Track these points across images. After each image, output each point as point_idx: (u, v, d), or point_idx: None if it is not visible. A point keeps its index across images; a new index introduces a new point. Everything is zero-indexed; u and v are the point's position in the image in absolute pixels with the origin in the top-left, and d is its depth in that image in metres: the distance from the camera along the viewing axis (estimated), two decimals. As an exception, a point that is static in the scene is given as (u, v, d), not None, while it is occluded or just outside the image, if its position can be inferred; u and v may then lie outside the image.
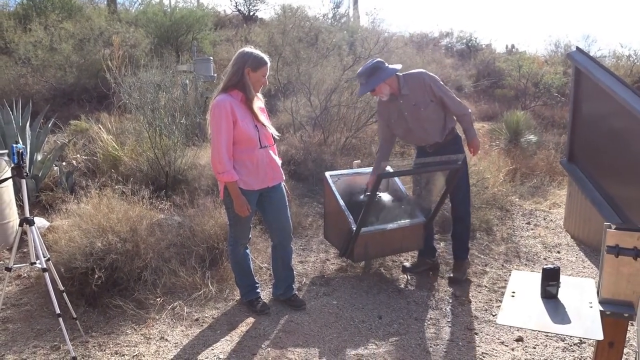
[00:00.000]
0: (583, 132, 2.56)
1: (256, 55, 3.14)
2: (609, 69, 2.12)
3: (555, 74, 11.37)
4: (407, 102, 3.73)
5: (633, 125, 1.95)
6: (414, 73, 3.77)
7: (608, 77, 2.10)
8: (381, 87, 3.67)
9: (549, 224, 5.48)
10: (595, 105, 2.34)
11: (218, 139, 3.04)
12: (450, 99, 3.73)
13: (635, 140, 1.96)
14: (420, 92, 3.70)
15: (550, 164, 7.23)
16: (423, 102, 3.70)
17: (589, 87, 2.34)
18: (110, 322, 3.27)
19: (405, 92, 3.71)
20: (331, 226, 4.19)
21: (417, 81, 3.71)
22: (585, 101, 2.44)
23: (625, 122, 2.07)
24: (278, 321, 3.38)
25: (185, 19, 10.67)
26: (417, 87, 3.70)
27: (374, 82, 3.64)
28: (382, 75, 3.64)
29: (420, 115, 3.73)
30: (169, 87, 5.80)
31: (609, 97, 2.04)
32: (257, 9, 17.02)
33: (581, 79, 2.43)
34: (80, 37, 8.50)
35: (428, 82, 3.69)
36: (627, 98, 1.86)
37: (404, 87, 3.71)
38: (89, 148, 5.71)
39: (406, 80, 3.73)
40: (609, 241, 1.77)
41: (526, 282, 2.06)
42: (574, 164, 2.72)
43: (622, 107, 1.88)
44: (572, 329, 1.67)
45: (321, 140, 7.23)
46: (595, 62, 2.23)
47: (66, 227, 3.55)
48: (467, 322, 3.44)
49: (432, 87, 3.68)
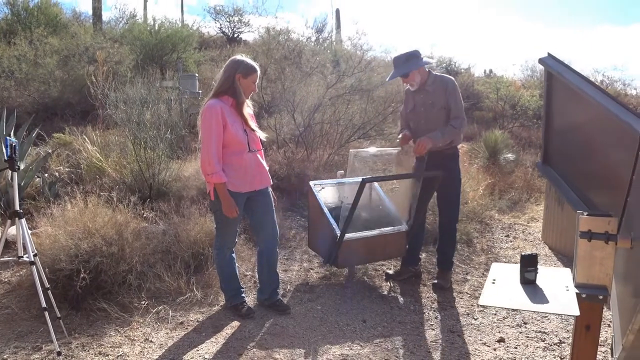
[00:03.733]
0: (556, 134, 2.69)
1: (247, 62, 3.25)
2: (578, 72, 2.26)
3: (532, 97, 11.70)
4: (426, 97, 3.88)
5: (602, 123, 2.08)
6: (444, 76, 3.92)
7: (577, 78, 2.23)
8: (414, 74, 3.81)
9: (527, 237, 5.61)
10: (567, 106, 2.46)
11: (208, 141, 3.11)
12: (455, 107, 3.81)
13: (605, 137, 2.08)
14: (440, 94, 3.83)
15: (527, 181, 7.42)
16: (438, 104, 3.83)
17: (559, 89, 2.48)
18: (93, 324, 3.26)
19: (429, 88, 3.85)
20: (315, 234, 4.24)
21: (442, 84, 3.84)
22: (556, 103, 2.57)
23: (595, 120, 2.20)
24: (263, 324, 3.39)
25: (170, 38, 10.79)
26: (439, 88, 3.83)
27: (409, 68, 3.78)
28: (418, 62, 3.79)
29: (431, 115, 3.86)
30: (154, 102, 5.85)
31: (579, 96, 2.17)
32: (242, 31, 17.28)
33: (552, 81, 2.57)
34: (65, 53, 8.52)
35: (450, 90, 3.81)
36: (595, 96, 1.99)
37: (430, 84, 3.85)
38: (72, 159, 5.69)
39: (435, 80, 3.87)
40: (582, 227, 1.86)
41: (506, 271, 2.14)
42: (548, 166, 2.85)
43: (592, 106, 2.01)
44: (550, 307, 1.75)
45: (304, 156, 7.32)
46: (565, 66, 2.37)
47: (50, 231, 3.54)
48: (450, 325, 3.50)
49: (450, 95, 3.80)
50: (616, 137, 1.97)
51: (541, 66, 3.52)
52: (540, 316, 3.62)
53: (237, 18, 17.12)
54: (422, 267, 4.45)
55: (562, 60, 2.46)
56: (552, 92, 2.67)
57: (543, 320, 3.57)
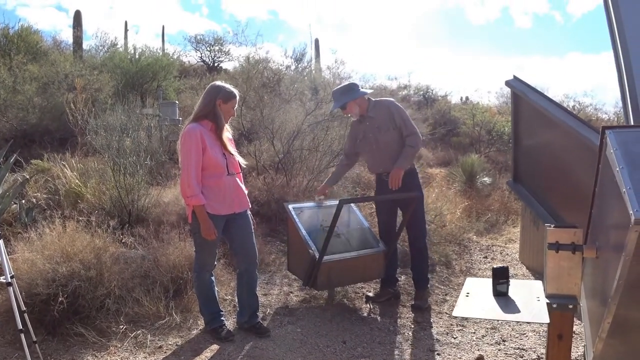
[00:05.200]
0: (524, 153, 2.81)
1: (227, 88, 3.34)
2: (541, 92, 2.38)
3: (507, 122, 12.00)
4: (372, 124, 4.02)
5: (565, 139, 2.18)
6: (383, 100, 4.09)
7: (540, 98, 2.36)
8: (351, 106, 3.98)
9: (505, 257, 5.70)
10: (533, 125, 2.59)
11: (187, 164, 3.16)
12: (406, 126, 3.96)
13: (568, 153, 2.19)
14: (384, 117, 3.97)
15: (504, 204, 7.57)
16: (385, 126, 3.97)
17: (525, 110, 2.60)
18: (70, 349, 3.21)
19: (371, 114, 4.01)
20: (294, 257, 4.25)
21: (383, 107, 4.01)
22: (523, 123, 2.69)
23: (559, 138, 2.31)
24: (243, 347, 3.38)
25: (151, 67, 10.86)
26: (382, 112, 3.99)
27: (345, 99, 3.96)
28: (353, 94, 3.97)
29: (381, 139, 3.99)
30: (134, 128, 5.87)
31: (543, 115, 2.28)
32: (222, 60, 17.46)
33: (518, 102, 2.70)
34: (45, 81, 8.51)
35: (393, 110, 3.98)
36: (557, 114, 2.10)
37: (371, 110, 4.02)
38: (50, 186, 5.65)
39: (375, 105, 4.05)
40: (550, 238, 1.94)
41: (479, 285, 2.20)
42: (519, 184, 2.95)
43: (555, 123, 2.11)
44: (521, 316, 1.80)
45: (284, 182, 7.36)
46: (530, 87, 2.50)
47: (27, 255, 3.50)
48: (429, 345, 3.53)
49: (394, 115, 3.96)
50: (578, 152, 2.08)
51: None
52: (518, 333, 3.67)
53: (218, 47, 17.34)
54: (401, 288, 4.49)
55: (527, 82, 2.58)
56: (519, 113, 2.80)
57: (521, 337, 3.62)
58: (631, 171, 1.41)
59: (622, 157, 1.46)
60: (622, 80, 2.02)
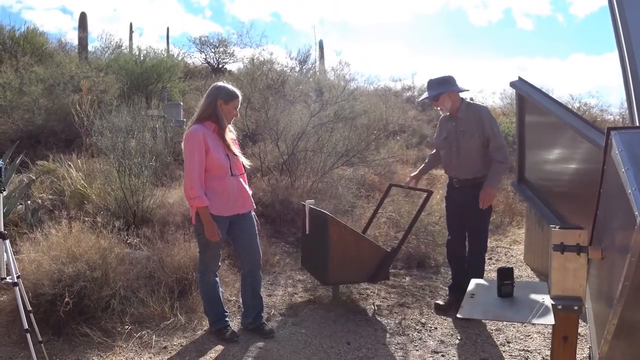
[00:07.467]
0: (529, 154, 2.79)
1: (229, 88, 3.33)
2: (546, 93, 2.37)
3: (512, 123, 11.96)
4: (458, 125, 3.85)
5: (570, 140, 2.18)
6: (477, 104, 3.94)
7: (545, 100, 2.35)
8: (444, 98, 3.79)
9: (510, 259, 5.69)
10: (537, 126, 2.58)
11: (191, 165, 3.17)
12: (495, 138, 3.75)
13: (573, 154, 2.18)
14: (472, 122, 3.78)
15: (509, 205, 7.54)
16: (470, 132, 3.78)
17: (530, 110, 2.59)
18: (75, 349, 3.22)
19: (460, 115, 3.82)
20: (344, 264, 3.92)
21: (475, 112, 3.81)
22: (528, 124, 2.68)
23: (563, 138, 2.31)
24: (247, 348, 3.39)
25: (155, 68, 10.91)
26: (472, 116, 3.80)
27: (441, 90, 3.78)
28: (449, 86, 3.79)
29: (462, 144, 3.82)
30: (139, 130, 5.90)
31: (548, 116, 2.28)
32: (226, 62, 17.50)
33: (523, 103, 2.69)
34: (51, 82, 8.56)
35: (484, 117, 3.77)
36: (562, 115, 2.09)
37: (462, 111, 3.83)
38: (56, 186, 5.68)
39: (467, 107, 3.85)
40: (555, 240, 1.93)
41: (484, 287, 2.20)
42: (523, 185, 2.94)
43: (559, 125, 2.11)
44: (526, 318, 1.80)
45: (288, 184, 7.37)
46: (534, 88, 2.49)
47: (33, 256, 3.52)
48: (434, 346, 3.52)
49: (485, 123, 3.75)
50: (583, 153, 2.07)
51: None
52: (523, 334, 3.66)
53: (222, 49, 17.37)
54: (407, 290, 4.48)
55: (532, 83, 2.58)
56: (524, 113, 2.79)
57: (526, 338, 3.61)
58: (636, 172, 1.40)
59: (628, 158, 1.46)
60: (627, 81, 2.01)
